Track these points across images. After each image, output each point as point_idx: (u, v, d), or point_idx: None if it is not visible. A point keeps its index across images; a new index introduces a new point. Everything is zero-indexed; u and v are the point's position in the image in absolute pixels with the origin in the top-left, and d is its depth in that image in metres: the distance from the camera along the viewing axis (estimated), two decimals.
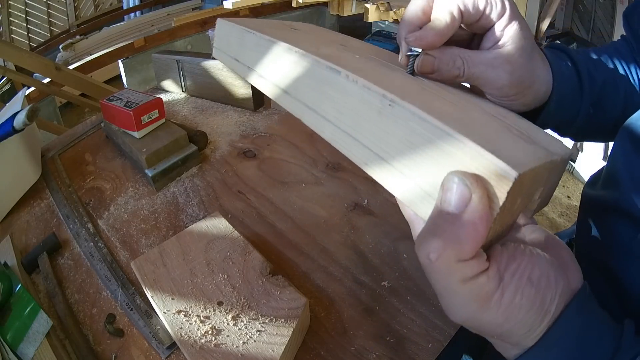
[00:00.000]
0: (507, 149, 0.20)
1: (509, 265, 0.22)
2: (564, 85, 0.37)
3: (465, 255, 0.20)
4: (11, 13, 2.39)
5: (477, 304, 0.21)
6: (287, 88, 0.29)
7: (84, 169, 0.64)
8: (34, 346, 0.37)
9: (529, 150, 0.22)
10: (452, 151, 0.20)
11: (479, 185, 0.19)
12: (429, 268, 0.21)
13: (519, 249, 0.23)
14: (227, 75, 0.74)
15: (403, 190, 0.22)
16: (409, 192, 0.22)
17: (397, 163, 0.22)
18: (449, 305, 0.22)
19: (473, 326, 0.23)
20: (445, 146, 0.20)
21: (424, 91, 0.27)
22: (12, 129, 0.53)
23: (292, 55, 0.28)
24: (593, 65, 0.40)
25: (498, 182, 0.19)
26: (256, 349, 0.33)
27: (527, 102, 0.37)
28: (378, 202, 0.55)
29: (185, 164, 0.61)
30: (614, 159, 0.39)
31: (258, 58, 0.32)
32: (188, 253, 0.41)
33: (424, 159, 0.21)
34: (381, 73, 0.28)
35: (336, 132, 0.25)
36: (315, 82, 0.26)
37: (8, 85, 1.95)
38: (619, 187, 0.36)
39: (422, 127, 0.20)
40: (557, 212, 1.76)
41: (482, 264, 0.21)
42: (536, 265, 0.22)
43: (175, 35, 2.34)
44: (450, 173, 0.20)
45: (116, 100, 0.61)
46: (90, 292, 0.45)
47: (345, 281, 0.45)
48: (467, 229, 0.19)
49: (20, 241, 0.52)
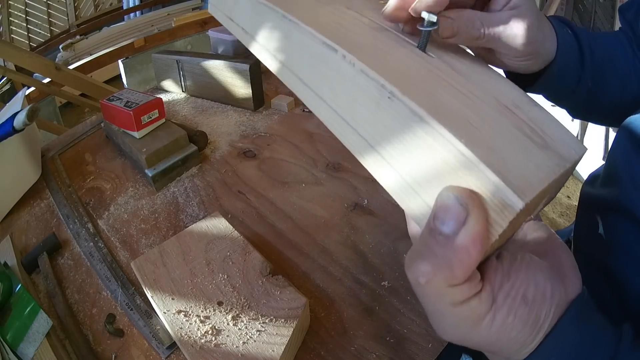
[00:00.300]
0: (517, 166, 0.18)
1: (503, 284, 0.20)
2: (566, 51, 0.37)
3: (456, 281, 0.19)
4: (11, 13, 2.39)
5: (467, 326, 0.20)
6: (282, 59, 0.26)
7: (84, 169, 0.64)
8: (34, 346, 0.37)
9: (541, 161, 0.20)
10: (455, 164, 0.18)
11: (477, 206, 0.17)
12: (418, 290, 0.20)
13: (514, 264, 0.21)
14: (227, 75, 0.74)
15: (398, 191, 0.21)
16: (403, 194, 0.20)
17: (394, 161, 0.20)
18: (439, 326, 0.22)
19: (464, 344, 0.22)
20: (447, 156, 0.18)
21: (431, 75, 0.24)
22: (12, 129, 0.53)
23: (287, 25, 0.25)
24: (594, 40, 0.40)
25: (501, 209, 0.17)
26: (256, 349, 0.33)
27: (538, 62, 0.36)
28: (378, 202, 0.55)
29: (185, 164, 0.61)
30: (613, 158, 0.39)
31: (252, 21, 0.29)
32: (188, 253, 0.41)
33: (422, 164, 0.19)
34: (385, 51, 0.25)
35: (332, 115, 0.23)
36: (311, 57, 0.24)
37: (8, 85, 1.95)
38: (619, 186, 0.36)
39: (423, 130, 0.18)
40: (557, 212, 1.76)
41: (473, 287, 0.20)
42: (531, 282, 0.21)
43: (175, 35, 2.33)
44: (445, 189, 0.18)
45: (116, 100, 0.61)
46: (90, 292, 0.45)
47: (345, 281, 0.45)
48: (459, 254, 0.18)
49: (20, 241, 0.52)
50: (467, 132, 0.18)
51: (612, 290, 0.35)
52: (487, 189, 0.17)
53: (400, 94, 0.19)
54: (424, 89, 0.21)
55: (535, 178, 0.18)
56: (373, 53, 0.23)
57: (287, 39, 0.26)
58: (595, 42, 0.40)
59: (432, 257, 0.19)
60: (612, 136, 1.48)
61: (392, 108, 0.20)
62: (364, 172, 0.60)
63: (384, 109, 0.20)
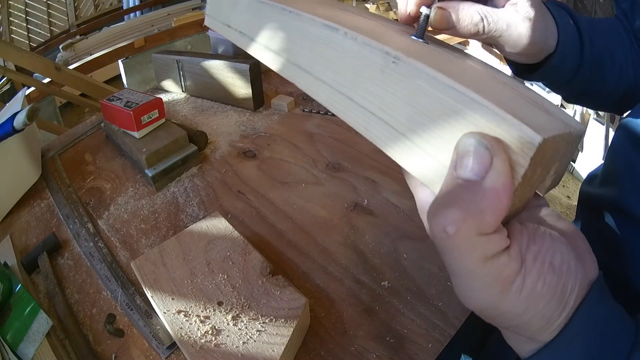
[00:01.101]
0: (526, 115, 0.18)
1: (530, 247, 0.19)
2: (567, 44, 0.37)
3: (488, 228, 0.17)
4: (11, 13, 2.39)
5: (497, 289, 0.19)
6: (281, 51, 0.27)
7: (84, 169, 0.64)
8: (34, 346, 0.37)
9: (546, 119, 0.20)
10: (467, 113, 0.17)
11: (501, 149, 0.17)
12: (445, 243, 0.18)
13: (539, 231, 0.20)
14: (227, 75, 0.74)
15: (407, 157, 0.20)
16: (414, 159, 0.19)
17: (401, 126, 0.20)
18: (466, 290, 0.19)
19: (489, 315, 0.20)
20: (458, 107, 0.17)
21: (430, 52, 0.25)
22: (12, 129, 0.53)
23: (286, 16, 0.26)
24: (594, 31, 0.40)
25: (521, 147, 0.16)
26: (256, 349, 0.33)
27: (539, 57, 0.36)
28: (378, 202, 0.55)
29: (185, 164, 0.61)
30: (612, 157, 0.39)
31: (250, 22, 0.30)
32: (188, 253, 0.41)
33: (433, 122, 0.18)
34: (383, 33, 0.25)
35: (333, 94, 0.23)
36: (311, 43, 0.24)
37: (8, 85, 1.95)
38: (618, 185, 0.36)
39: (431, 85, 0.18)
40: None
41: (503, 241, 0.18)
42: (557, 250, 0.20)
43: (175, 35, 2.33)
44: (466, 135, 0.17)
45: (116, 100, 0.61)
46: (90, 292, 0.45)
47: (345, 281, 0.45)
48: (489, 197, 0.17)
49: (20, 241, 0.52)
50: (475, 86, 0.18)
51: (611, 288, 0.35)
52: (504, 130, 0.17)
53: (405, 57, 0.19)
54: (426, 58, 0.21)
55: (547, 126, 0.18)
56: (373, 33, 0.23)
57: (287, 31, 0.26)
58: (595, 32, 0.40)
59: (460, 203, 0.17)
60: (612, 136, 1.48)
61: (398, 72, 0.19)
62: (364, 172, 0.60)
63: (390, 74, 0.20)
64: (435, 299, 0.42)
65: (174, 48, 2.32)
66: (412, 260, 0.47)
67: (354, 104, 0.22)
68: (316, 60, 0.24)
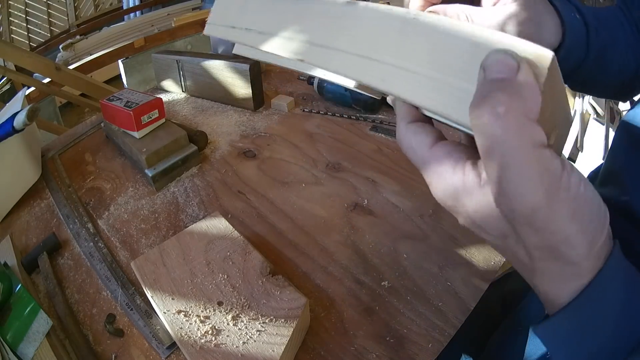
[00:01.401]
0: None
1: (564, 162, 0.20)
2: (574, 38, 0.37)
3: (532, 114, 0.18)
4: (11, 13, 2.39)
5: (548, 182, 0.18)
6: (299, 36, 0.28)
7: (84, 169, 0.64)
8: (34, 346, 0.37)
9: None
10: (487, 44, 0.19)
11: (523, 59, 0.18)
12: (495, 127, 0.18)
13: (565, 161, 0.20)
14: (227, 75, 0.74)
15: (426, 95, 0.22)
16: (434, 94, 0.21)
17: (424, 69, 0.22)
18: (518, 184, 0.18)
19: (539, 219, 0.19)
20: (479, 41, 0.20)
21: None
22: (12, 129, 0.53)
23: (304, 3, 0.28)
24: (599, 23, 0.40)
25: (538, 59, 0.18)
26: (256, 349, 0.33)
27: None
28: (378, 202, 0.55)
29: (185, 164, 0.61)
30: (612, 156, 0.39)
31: (261, 17, 0.31)
32: (188, 253, 0.41)
33: (454, 58, 0.21)
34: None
35: (347, 59, 0.25)
36: (331, 20, 0.26)
37: (8, 85, 1.95)
38: (618, 185, 0.36)
39: (452, 26, 0.21)
40: None
41: (544, 135, 0.19)
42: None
43: (175, 35, 2.33)
44: (491, 52, 0.19)
45: (116, 100, 0.61)
46: (90, 292, 0.45)
47: (345, 281, 0.45)
48: (525, 87, 0.18)
49: (20, 241, 0.52)
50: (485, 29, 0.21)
51: None
52: (521, 50, 0.19)
53: (423, 14, 0.22)
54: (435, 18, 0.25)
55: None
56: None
57: (305, 15, 0.28)
58: (600, 24, 0.40)
59: (504, 88, 0.18)
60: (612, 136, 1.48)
61: (420, 25, 0.22)
62: (364, 172, 0.60)
63: (410, 30, 0.23)
64: (435, 299, 0.42)
65: (174, 48, 2.32)
66: (412, 260, 0.47)
67: (370, 61, 0.24)
68: (333, 33, 0.26)
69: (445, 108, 0.21)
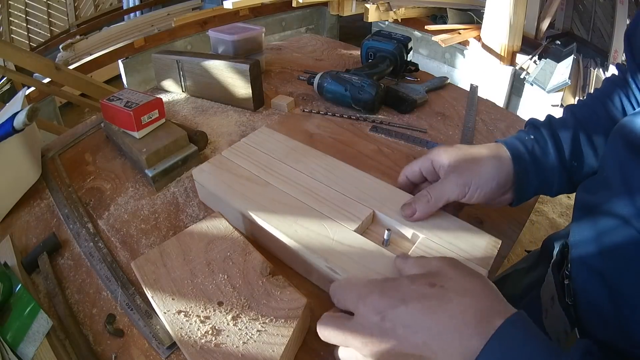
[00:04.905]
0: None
1: None
2: (533, 185, 0.45)
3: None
4: (11, 13, 2.39)
5: None
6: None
7: (84, 169, 0.64)
8: (34, 346, 0.37)
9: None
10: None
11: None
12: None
13: None
14: (227, 75, 0.74)
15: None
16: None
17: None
18: None
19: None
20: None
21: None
22: (12, 129, 0.53)
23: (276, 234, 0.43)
24: (574, 135, 0.45)
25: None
26: (256, 349, 0.33)
27: (508, 199, 0.46)
28: None
29: (185, 164, 0.61)
30: (605, 162, 0.39)
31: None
32: (188, 253, 0.41)
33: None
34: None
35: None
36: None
37: (8, 85, 1.95)
38: (611, 190, 0.36)
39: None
40: (557, 212, 1.77)
41: None
42: None
43: (175, 35, 2.34)
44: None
45: (116, 100, 0.61)
46: (90, 292, 0.45)
47: None
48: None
49: (20, 241, 0.52)
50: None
51: (608, 293, 0.35)
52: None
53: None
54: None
55: None
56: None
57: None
58: (576, 138, 0.44)
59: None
60: None
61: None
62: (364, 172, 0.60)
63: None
64: None
65: (174, 48, 2.32)
66: None
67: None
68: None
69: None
